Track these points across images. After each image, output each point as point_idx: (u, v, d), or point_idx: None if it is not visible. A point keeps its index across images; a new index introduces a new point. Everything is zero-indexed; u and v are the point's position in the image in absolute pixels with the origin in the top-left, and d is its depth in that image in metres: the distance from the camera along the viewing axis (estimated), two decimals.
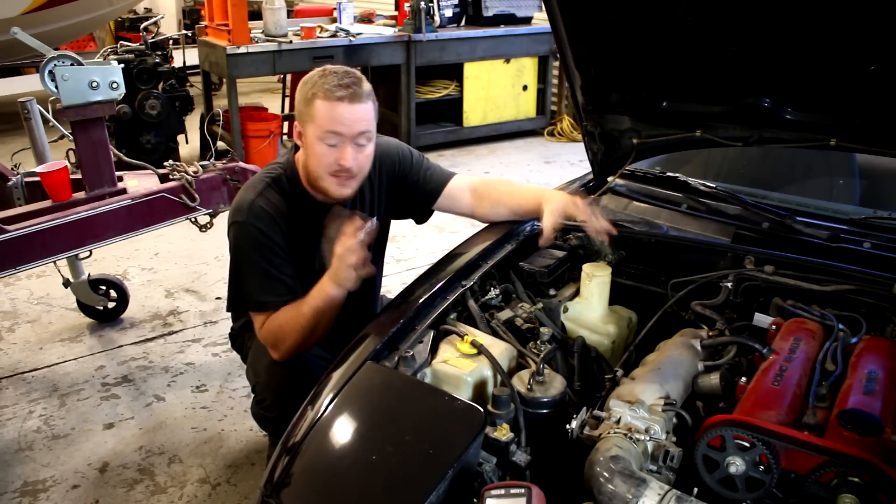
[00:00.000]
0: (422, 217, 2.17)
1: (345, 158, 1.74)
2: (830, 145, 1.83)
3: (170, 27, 8.95)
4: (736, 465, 1.22)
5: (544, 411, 1.43)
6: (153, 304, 3.74)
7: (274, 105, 6.92)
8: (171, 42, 5.75)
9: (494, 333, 1.64)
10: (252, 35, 5.55)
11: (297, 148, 1.90)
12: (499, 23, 6.41)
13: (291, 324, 1.76)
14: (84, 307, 3.50)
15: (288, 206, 1.85)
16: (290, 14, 6.54)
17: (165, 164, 3.00)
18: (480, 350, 1.50)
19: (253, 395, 2.00)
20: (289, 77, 6.77)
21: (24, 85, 6.57)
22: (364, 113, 1.75)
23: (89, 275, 3.38)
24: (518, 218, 2.04)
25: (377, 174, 2.01)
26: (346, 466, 1.27)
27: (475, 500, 1.17)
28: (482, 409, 1.31)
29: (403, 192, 2.07)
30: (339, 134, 1.73)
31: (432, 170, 2.09)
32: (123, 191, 2.85)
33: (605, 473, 1.17)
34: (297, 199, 1.88)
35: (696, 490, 1.17)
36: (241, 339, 2.17)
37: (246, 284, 1.85)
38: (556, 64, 6.54)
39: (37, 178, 2.83)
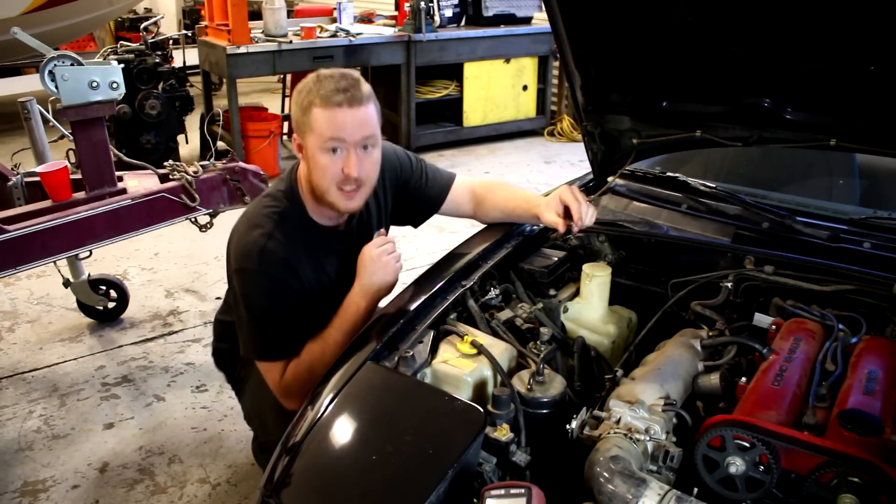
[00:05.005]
0: (420, 222, 2.11)
1: (350, 167, 1.63)
2: (830, 145, 1.82)
3: (170, 27, 8.96)
4: (736, 465, 1.22)
5: (544, 411, 1.42)
6: (153, 304, 3.74)
7: (274, 105, 6.92)
8: (171, 42, 5.75)
9: (494, 333, 1.64)
10: (252, 35, 5.55)
11: (294, 172, 1.79)
12: (499, 23, 6.40)
13: (321, 357, 1.66)
14: (84, 307, 3.50)
15: (302, 242, 1.73)
16: (290, 14, 6.54)
17: (165, 164, 2.99)
18: (480, 350, 1.50)
19: (260, 445, 1.94)
20: (289, 77, 6.76)
21: (24, 85, 6.57)
22: (365, 116, 1.64)
23: (89, 275, 3.38)
24: (512, 221, 2.03)
25: (381, 184, 1.91)
26: (346, 466, 1.27)
27: (475, 500, 1.17)
28: (482, 409, 1.31)
29: (406, 199, 2.00)
30: (342, 141, 1.62)
31: (433, 174, 2.03)
32: (123, 191, 2.85)
33: (605, 473, 1.17)
34: (309, 233, 1.76)
35: (696, 490, 1.17)
36: (229, 361, 2.09)
37: (257, 335, 1.72)
38: (556, 64, 6.54)
39: (37, 178, 2.83)
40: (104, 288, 3.48)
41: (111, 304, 3.53)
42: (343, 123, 1.61)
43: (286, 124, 6.44)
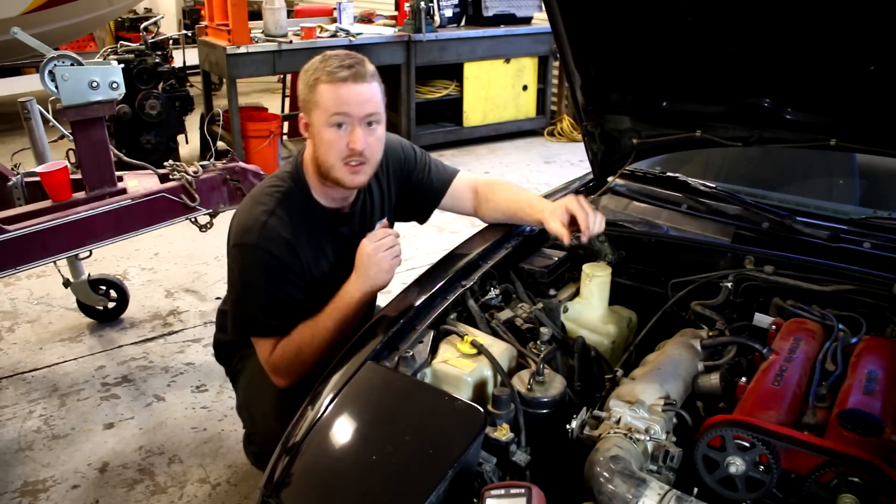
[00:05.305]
0: (424, 217, 2.13)
1: (355, 141, 1.65)
2: (830, 145, 1.83)
3: (170, 27, 8.96)
4: (736, 465, 1.22)
5: (544, 411, 1.42)
6: (153, 304, 3.74)
7: (274, 105, 6.92)
8: (171, 42, 5.75)
9: (494, 333, 1.64)
10: (252, 35, 5.55)
11: (300, 154, 1.82)
12: (499, 23, 6.41)
13: (312, 340, 1.70)
14: (84, 307, 3.50)
15: (303, 222, 1.75)
16: (290, 14, 6.54)
17: (165, 164, 3.00)
18: (480, 350, 1.50)
19: (247, 437, 1.96)
20: (289, 77, 6.76)
21: (24, 85, 6.57)
22: (370, 93, 1.67)
23: (89, 275, 3.38)
24: (513, 223, 2.03)
25: (385, 172, 1.93)
26: (346, 466, 1.27)
27: (475, 500, 1.17)
28: (482, 409, 1.31)
29: (409, 190, 2.01)
30: (347, 115, 1.65)
31: (436, 167, 2.04)
32: (123, 191, 2.85)
33: (605, 473, 1.17)
34: (311, 214, 1.79)
35: (696, 490, 1.16)
36: (227, 352, 2.10)
37: (250, 309, 1.76)
38: (556, 64, 6.54)
39: (37, 178, 2.83)
40: (104, 288, 3.48)
41: (111, 304, 3.53)
42: (348, 98, 1.64)
43: (286, 124, 6.43)
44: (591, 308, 1.82)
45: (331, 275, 1.82)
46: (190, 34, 6.70)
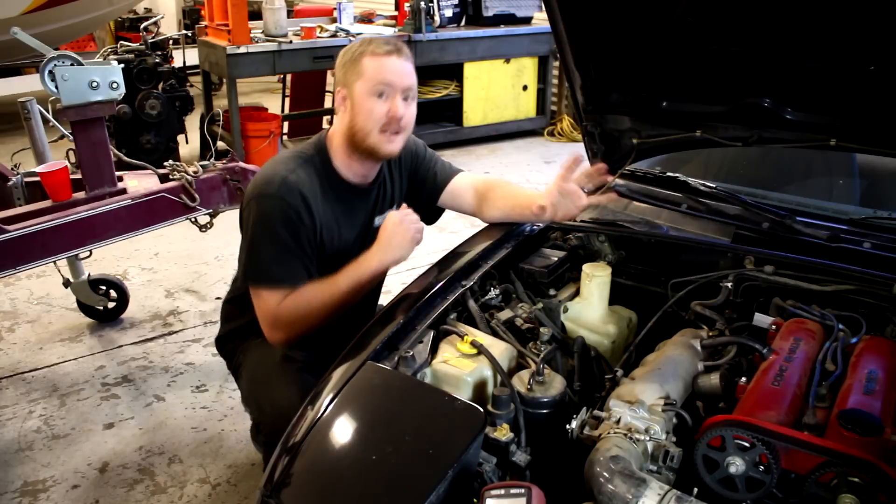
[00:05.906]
0: (430, 217, 2.14)
1: (396, 109, 1.76)
2: (830, 145, 1.82)
3: (170, 27, 8.96)
4: (736, 465, 1.22)
5: (544, 411, 1.42)
6: (153, 304, 3.74)
7: (274, 105, 6.92)
8: (171, 42, 5.75)
9: (494, 333, 1.64)
10: (252, 35, 5.55)
11: (325, 131, 1.88)
12: (499, 23, 6.41)
13: (321, 298, 1.75)
14: (84, 307, 3.50)
15: (320, 187, 1.83)
16: (290, 14, 6.55)
17: (165, 164, 3.00)
18: (480, 350, 1.50)
19: (255, 427, 1.97)
20: (289, 77, 6.76)
21: (24, 85, 6.58)
22: (410, 69, 1.80)
23: (89, 275, 3.38)
24: (512, 220, 2.04)
25: (398, 163, 2.01)
26: (346, 466, 1.26)
27: (475, 500, 1.17)
28: (482, 409, 1.31)
29: (415, 183, 2.07)
30: (390, 85, 1.76)
31: (441, 164, 2.10)
32: (123, 191, 2.85)
33: (605, 473, 1.17)
34: (329, 182, 1.85)
35: (696, 490, 1.16)
36: (231, 345, 2.10)
37: (262, 258, 1.78)
38: (556, 64, 6.54)
39: (37, 178, 2.83)
40: (104, 288, 3.48)
41: (111, 304, 3.53)
42: (392, 69, 1.77)
43: (286, 124, 6.43)
44: (591, 308, 1.82)
45: (339, 245, 1.88)
46: (190, 34, 6.71)
